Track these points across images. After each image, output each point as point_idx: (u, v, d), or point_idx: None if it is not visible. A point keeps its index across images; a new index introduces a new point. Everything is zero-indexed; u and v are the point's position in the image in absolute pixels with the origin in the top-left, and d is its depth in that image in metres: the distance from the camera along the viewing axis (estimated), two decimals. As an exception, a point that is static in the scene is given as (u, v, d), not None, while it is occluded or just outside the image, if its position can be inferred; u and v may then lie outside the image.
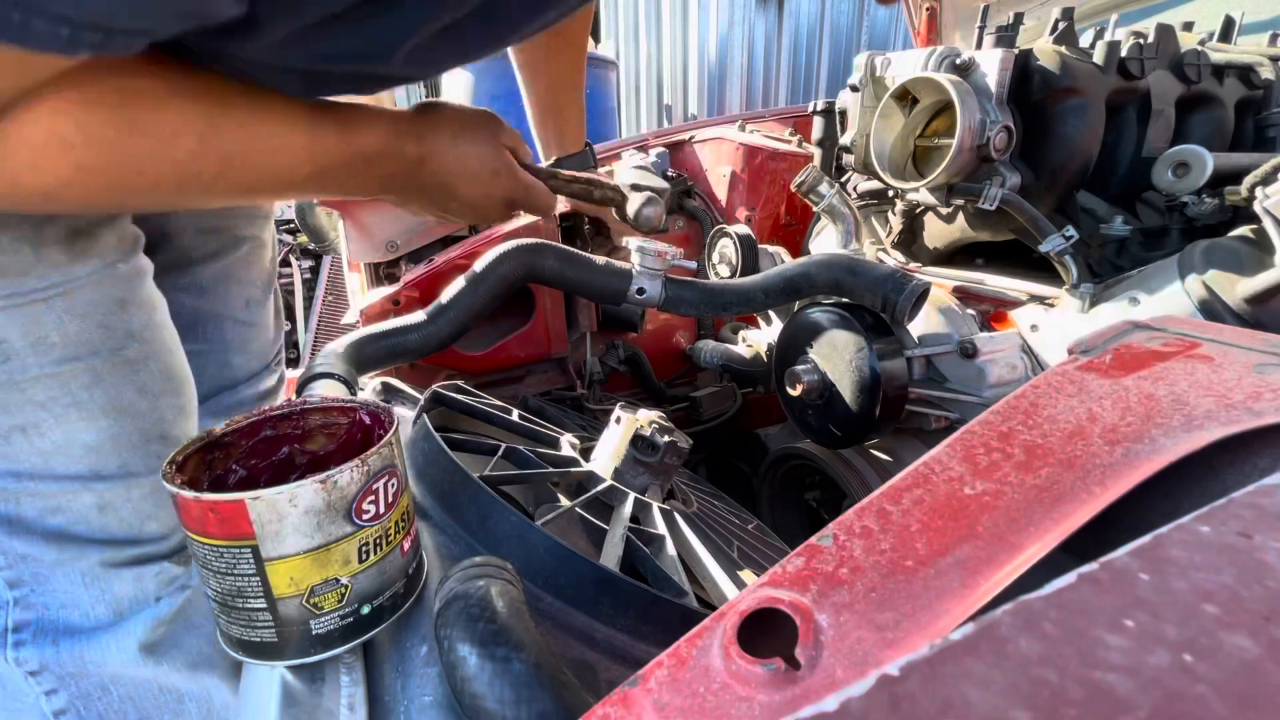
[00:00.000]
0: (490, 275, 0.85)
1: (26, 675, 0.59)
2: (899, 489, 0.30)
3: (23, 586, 0.58)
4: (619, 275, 0.87)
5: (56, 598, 0.59)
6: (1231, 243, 0.76)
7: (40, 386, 0.54)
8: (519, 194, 0.73)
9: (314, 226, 1.30)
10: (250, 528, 0.36)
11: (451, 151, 0.65)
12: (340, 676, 0.41)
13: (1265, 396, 0.30)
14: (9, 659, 0.58)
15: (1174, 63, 0.90)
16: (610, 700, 0.25)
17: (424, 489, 0.57)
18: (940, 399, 0.86)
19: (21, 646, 0.59)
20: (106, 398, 0.58)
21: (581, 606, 0.48)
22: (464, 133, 0.67)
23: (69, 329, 0.55)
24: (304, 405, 0.47)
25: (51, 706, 0.60)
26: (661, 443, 0.68)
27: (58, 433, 0.56)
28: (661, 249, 0.86)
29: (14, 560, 0.57)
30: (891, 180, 0.97)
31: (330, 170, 0.58)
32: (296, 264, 2.60)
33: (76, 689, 0.60)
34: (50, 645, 0.59)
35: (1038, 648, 0.14)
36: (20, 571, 0.58)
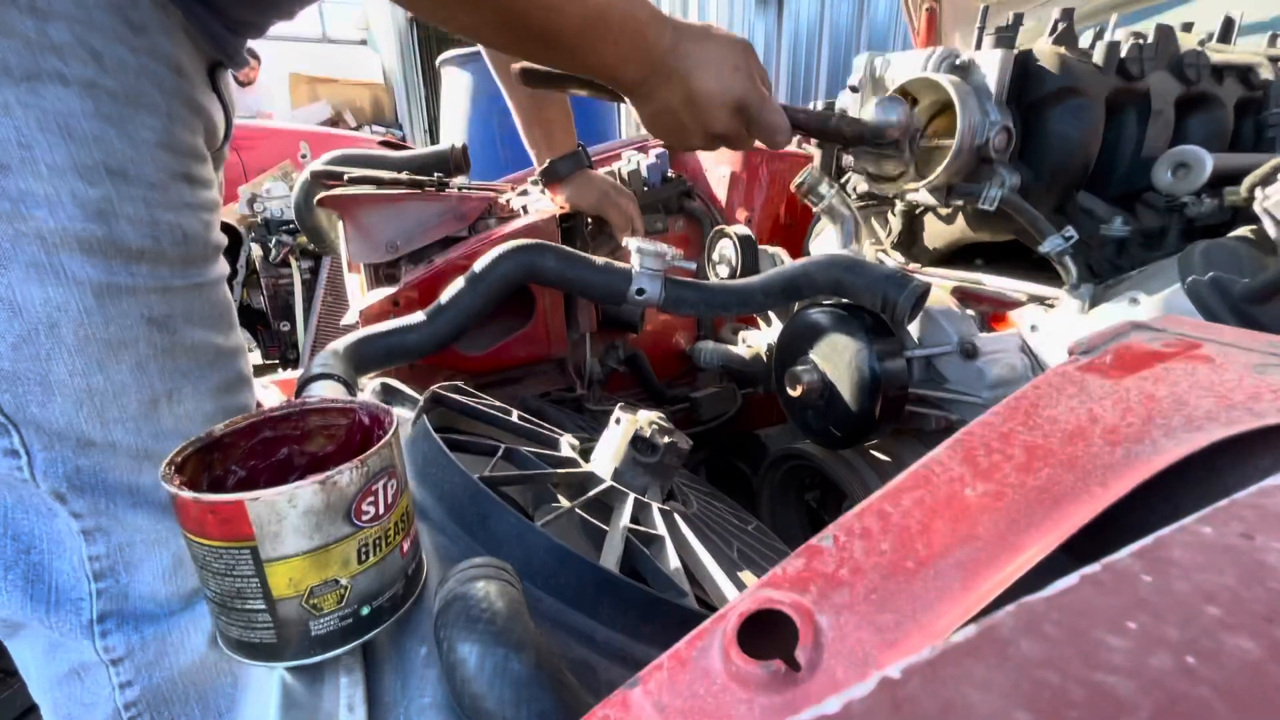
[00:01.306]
0: (490, 275, 0.85)
1: (109, 664, 0.62)
2: (899, 490, 0.30)
3: (108, 578, 0.61)
4: (619, 275, 0.87)
5: (137, 587, 0.63)
6: (1231, 243, 0.76)
7: (186, 356, 0.63)
8: (754, 99, 0.71)
9: (313, 227, 1.30)
10: (249, 529, 0.36)
11: (699, 44, 0.69)
12: (340, 678, 0.41)
13: (1266, 397, 0.30)
14: (97, 648, 0.62)
15: (1173, 63, 0.90)
16: (610, 702, 0.25)
17: (423, 490, 0.57)
18: (940, 400, 0.86)
19: (108, 635, 0.62)
20: (221, 375, 0.67)
21: (581, 607, 0.48)
22: (715, 35, 0.70)
23: (206, 313, 0.65)
24: (303, 406, 0.47)
25: (124, 699, 0.64)
26: (661, 443, 0.68)
27: (190, 402, 0.64)
28: (661, 249, 0.86)
29: (111, 550, 0.61)
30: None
31: (609, 22, 0.63)
32: (296, 265, 2.60)
33: (149, 681, 0.64)
34: (135, 632, 0.63)
35: (1039, 649, 0.14)
36: (113, 561, 0.61)
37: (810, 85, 5.19)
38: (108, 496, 0.60)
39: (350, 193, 1.08)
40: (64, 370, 0.56)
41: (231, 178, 2.02)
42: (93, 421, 0.58)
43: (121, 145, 0.56)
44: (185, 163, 0.63)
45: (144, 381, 0.60)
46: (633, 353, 1.33)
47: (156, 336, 0.61)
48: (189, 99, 0.63)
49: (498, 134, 3.44)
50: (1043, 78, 0.85)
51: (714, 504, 0.90)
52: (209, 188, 0.68)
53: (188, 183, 0.63)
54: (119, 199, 0.57)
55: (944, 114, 0.93)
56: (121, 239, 0.57)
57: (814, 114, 0.82)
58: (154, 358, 0.61)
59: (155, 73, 0.59)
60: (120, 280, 0.57)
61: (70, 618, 0.61)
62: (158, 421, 0.62)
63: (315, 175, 1.20)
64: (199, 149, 0.66)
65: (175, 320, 0.62)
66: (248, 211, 2.65)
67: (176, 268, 0.62)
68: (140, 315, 0.59)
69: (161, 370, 0.61)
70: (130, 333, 0.59)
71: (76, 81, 0.53)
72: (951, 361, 0.85)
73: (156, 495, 0.63)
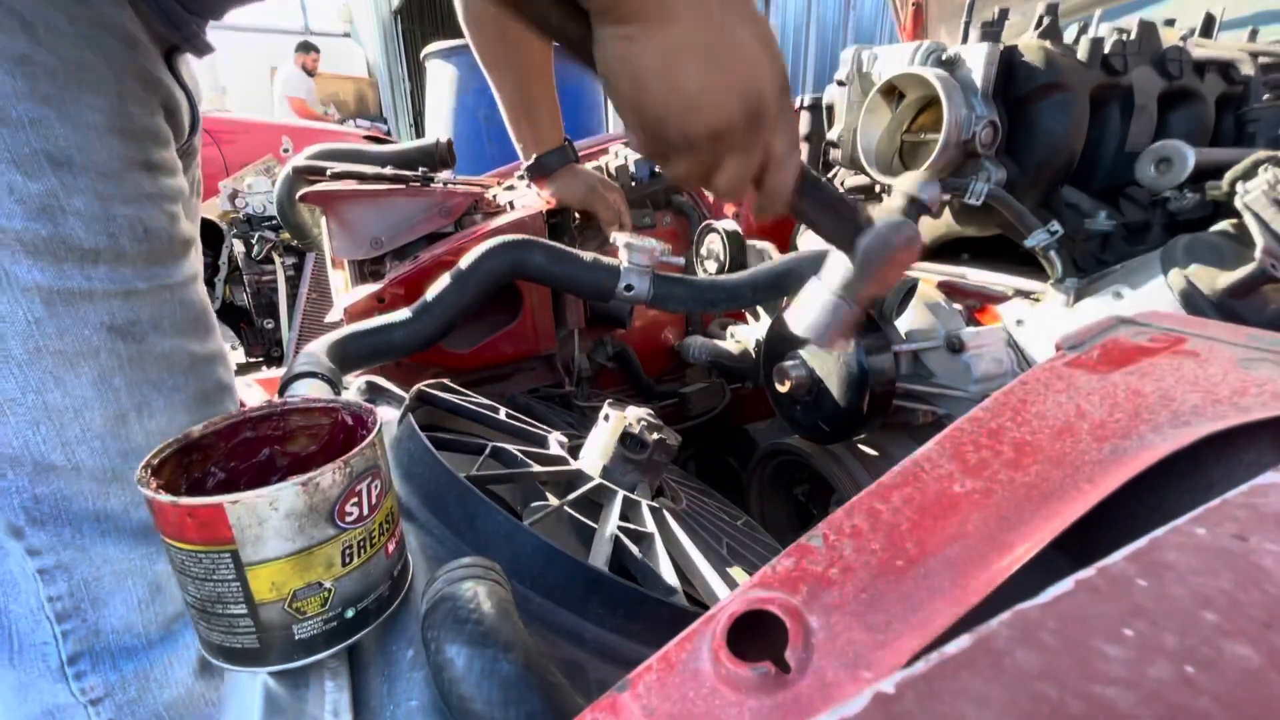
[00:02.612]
0: (476, 272, 0.85)
1: (88, 705, 0.58)
2: (888, 487, 0.30)
3: (73, 618, 0.56)
4: (607, 271, 0.86)
5: (109, 621, 0.58)
6: (1213, 237, 0.77)
7: (157, 366, 0.58)
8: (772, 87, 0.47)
9: (296, 223, 1.28)
10: (229, 532, 0.35)
11: None
12: (325, 682, 0.40)
13: (1251, 392, 0.30)
14: (73, 690, 0.57)
15: (1156, 58, 0.90)
16: (599, 705, 0.25)
17: (409, 490, 0.57)
18: (927, 394, 0.87)
19: (84, 676, 0.58)
20: (198, 385, 0.62)
21: (570, 606, 0.48)
22: None
23: (178, 316, 0.60)
24: (285, 406, 0.46)
25: None
26: (650, 440, 0.68)
27: (163, 416, 0.59)
28: (650, 245, 0.85)
29: (75, 587, 0.56)
30: (878, 175, 0.97)
31: None
32: (280, 261, 2.57)
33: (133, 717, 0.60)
34: (113, 670, 0.59)
35: (1036, 660, 0.14)
36: (78, 600, 0.56)
37: (797, 79, 5.19)
38: (72, 526, 0.55)
39: (333, 188, 1.07)
40: (14, 387, 0.51)
41: (212, 172, 1.98)
42: (52, 442, 0.53)
43: (64, 130, 0.50)
44: (143, 148, 0.57)
45: (108, 396, 0.55)
46: (621, 348, 1.32)
47: (121, 346, 0.55)
48: (144, 74, 0.57)
49: (483, 128, 3.42)
50: (1028, 72, 0.85)
51: (703, 500, 0.90)
52: (173, 174, 0.61)
53: (146, 170, 0.57)
54: (65, 192, 0.51)
55: (930, 108, 0.93)
56: (71, 237, 0.51)
57: None
58: (119, 369, 0.55)
59: (101, 43, 0.52)
60: (74, 285, 0.52)
61: (37, 663, 0.57)
62: (127, 439, 0.56)
63: (298, 170, 1.18)
64: (159, 131, 0.59)
65: (142, 327, 0.56)
66: (229, 207, 2.61)
67: (140, 267, 0.56)
68: (100, 323, 0.54)
69: (129, 382, 0.56)
70: (89, 343, 0.53)
71: (5, 57, 0.47)
72: (938, 356, 0.86)
73: (127, 520, 0.58)
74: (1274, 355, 0.34)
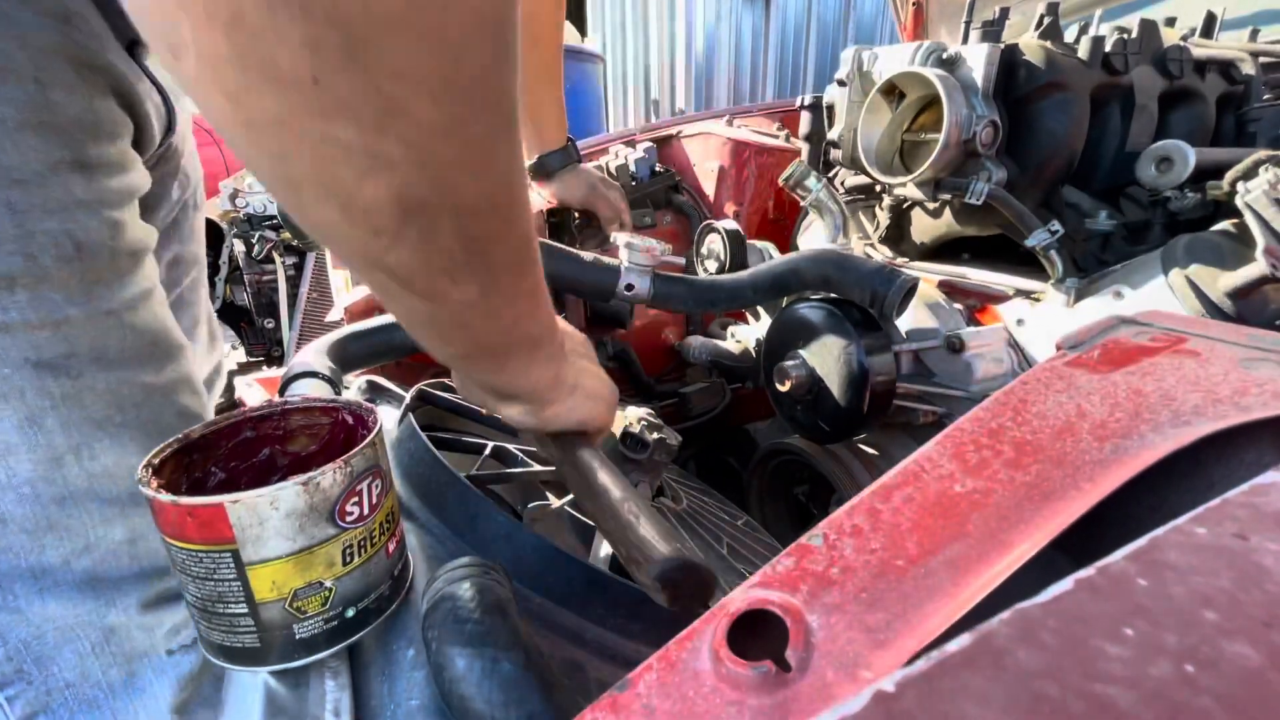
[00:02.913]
0: None
1: None
2: (889, 487, 0.30)
3: (16, 683, 0.51)
4: (607, 271, 0.86)
5: (61, 676, 0.52)
6: (1214, 237, 0.77)
7: (100, 403, 0.51)
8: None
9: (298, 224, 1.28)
10: (230, 531, 0.35)
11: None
12: (325, 681, 0.40)
13: (1252, 392, 0.30)
14: None
15: (1157, 58, 0.90)
16: (599, 705, 0.25)
17: (410, 489, 0.57)
18: (928, 394, 0.86)
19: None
20: (153, 418, 0.55)
21: (571, 606, 0.48)
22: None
23: (126, 344, 0.52)
24: (285, 405, 0.46)
25: None
26: (650, 439, 0.68)
27: (110, 455, 0.52)
28: (650, 245, 0.85)
29: (12, 652, 0.50)
30: (879, 175, 0.97)
31: None
32: (280, 261, 2.57)
33: None
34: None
35: (1037, 659, 0.14)
36: (17, 664, 0.50)
37: (798, 79, 5.19)
38: (2, 589, 0.49)
39: (334, 187, 1.07)
40: None
41: (212, 172, 1.98)
42: None
43: None
44: (72, 143, 0.48)
45: (37, 439, 0.48)
46: (621, 348, 1.32)
47: (51, 383, 0.48)
48: (82, 55, 0.48)
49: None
50: (1029, 72, 0.85)
51: (704, 499, 0.90)
52: (120, 172, 0.52)
53: (77, 171, 0.48)
54: None
55: (931, 108, 0.93)
56: None
57: None
58: (51, 409, 0.49)
59: (11, 18, 0.43)
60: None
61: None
62: (64, 483, 0.50)
63: (298, 170, 1.17)
64: (99, 121, 0.50)
65: (79, 361, 0.49)
66: (229, 207, 2.61)
67: (72, 290, 0.48)
68: (23, 359, 0.47)
69: (63, 423, 0.49)
70: (9, 382, 0.47)
71: None
72: (938, 355, 0.86)
73: (68, 573, 0.51)
74: (1275, 355, 0.34)
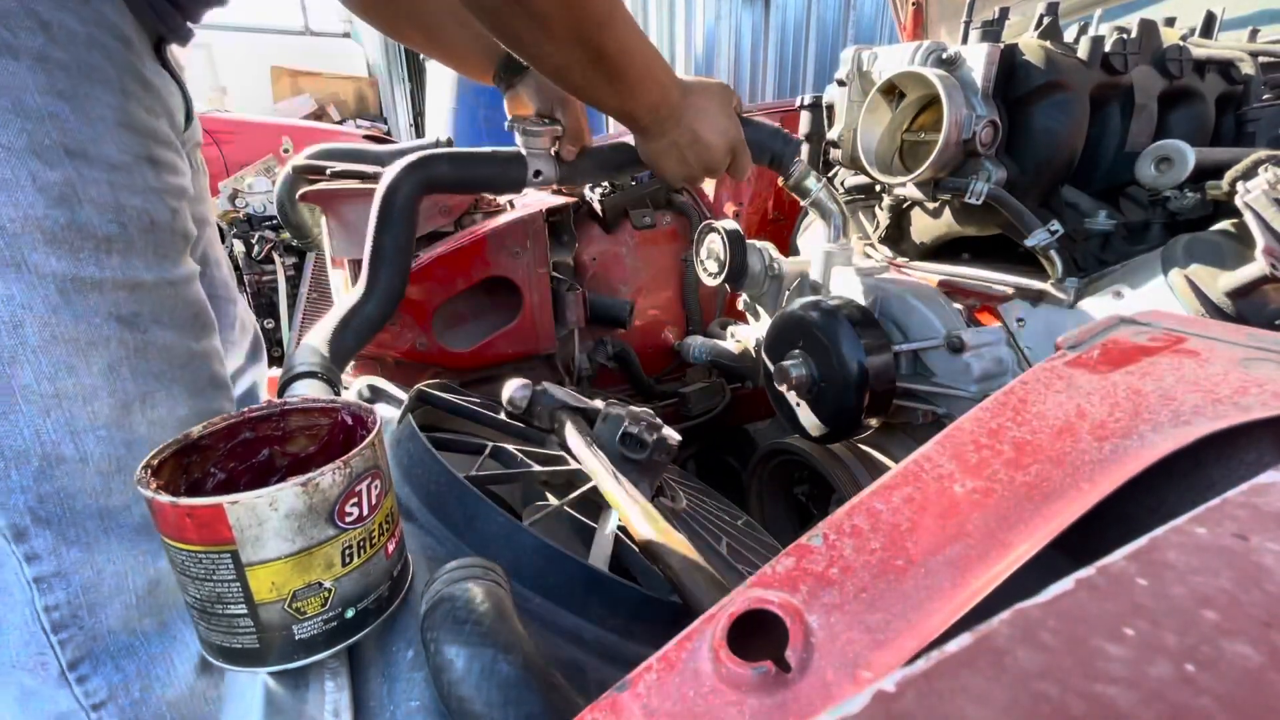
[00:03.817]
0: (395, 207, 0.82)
1: (90, 710, 0.58)
2: (889, 487, 0.30)
3: (70, 627, 0.56)
4: (514, 162, 0.87)
5: (107, 622, 0.58)
6: (1213, 237, 0.77)
7: (159, 359, 0.59)
8: (738, 145, 0.86)
9: (297, 223, 1.28)
10: (229, 532, 0.35)
11: (702, 97, 0.82)
12: (325, 682, 0.40)
13: (1252, 391, 0.30)
14: (76, 694, 0.57)
15: (1156, 58, 0.90)
16: (599, 705, 0.25)
17: (409, 490, 0.57)
18: (928, 393, 0.86)
19: (87, 680, 0.58)
20: (194, 379, 0.63)
21: (570, 607, 0.48)
22: (710, 87, 0.83)
23: (178, 312, 0.61)
24: (284, 406, 0.46)
25: None
26: (650, 439, 0.68)
27: (164, 406, 0.60)
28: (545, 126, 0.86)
29: (73, 595, 0.56)
30: (878, 175, 0.97)
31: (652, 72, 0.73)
32: (280, 261, 2.57)
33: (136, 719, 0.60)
34: (116, 671, 0.59)
35: (1037, 659, 0.14)
36: (74, 607, 0.56)
37: (797, 79, 5.18)
38: (76, 525, 0.55)
39: (333, 187, 1.07)
40: (29, 374, 0.52)
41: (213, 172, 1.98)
42: (62, 431, 0.54)
43: (78, 123, 0.52)
44: (146, 144, 0.59)
45: (116, 385, 0.56)
46: (621, 348, 1.32)
47: (128, 335, 0.57)
48: (139, 75, 0.59)
49: (483, 128, 3.42)
50: (1028, 72, 0.85)
51: (703, 499, 0.89)
52: (175, 174, 0.63)
53: (151, 165, 0.59)
54: (81, 182, 0.52)
55: (931, 108, 0.93)
56: (88, 225, 0.53)
57: None
58: (126, 359, 0.57)
59: (104, 44, 0.55)
60: (88, 273, 0.53)
61: (37, 672, 0.56)
62: (130, 428, 0.57)
63: (298, 170, 1.18)
64: (160, 131, 0.62)
65: (145, 320, 0.58)
66: (229, 207, 2.61)
67: (147, 259, 0.58)
68: (109, 313, 0.55)
69: (134, 372, 0.57)
70: (100, 331, 0.55)
71: (27, 53, 0.49)
72: (938, 355, 0.86)
73: (128, 517, 0.58)
74: (1274, 355, 0.34)
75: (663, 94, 0.77)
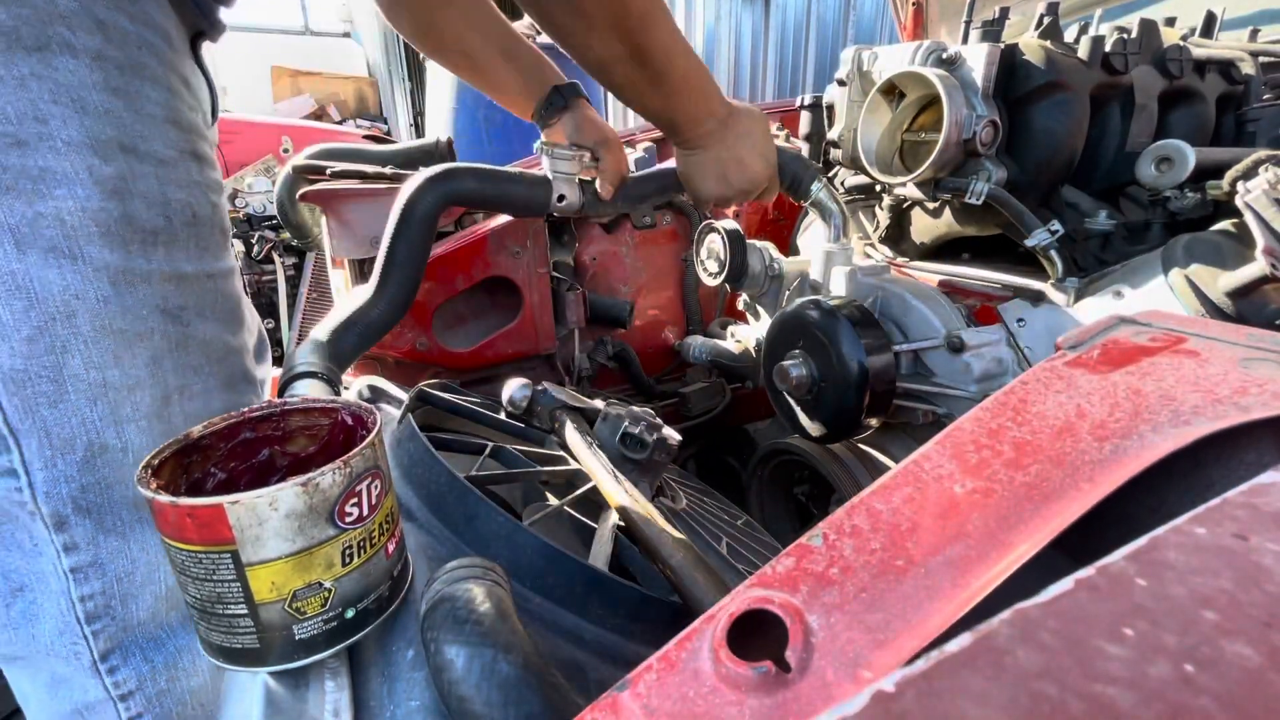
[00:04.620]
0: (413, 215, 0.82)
1: (118, 700, 0.59)
2: (889, 487, 0.30)
3: (103, 618, 0.57)
4: (539, 185, 0.87)
5: (137, 614, 0.59)
6: (1213, 237, 0.77)
7: (198, 352, 0.61)
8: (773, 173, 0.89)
9: (297, 223, 1.28)
10: (229, 532, 0.35)
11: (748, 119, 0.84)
12: (325, 682, 0.40)
13: (1252, 391, 0.30)
14: (106, 684, 0.59)
15: (1157, 58, 0.90)
16: (599, 705, 0.25)
17: (410, 490, 0.57)
18: (928, 393, 0.86)
19: (116, 671, 0.59)
20: (229, 373, 0.65)
21: (570, 606, 0.48)
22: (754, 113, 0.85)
23: (218, 306, 0.63)
24: (284, 406, 0.46)
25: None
26: (650, 439, 0.68)
27: (199, 400, 0.61)
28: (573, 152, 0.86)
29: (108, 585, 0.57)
30: (878, 175, 0.97)
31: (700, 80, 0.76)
32: (280, 261, 2.57)
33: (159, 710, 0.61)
34: (144, 663, 0.60)
35: (1036, 659, 0.14)
36: (109, 598, 0.57)
37: (797, 79, 5.18)
38: (114, 514, 0.56)
39: (333, 187, 1.07)
40: (79, 363, 0.53)
41: (212, 172, 1.98)
42: (106, 420, 0.55)
43: (131, 119, 0.54)
44: (190, 139, 0.61)
45: (159, 376, 0.58)
46: (621, 348, 1.32)
47: (171, 328, 0.58)
48: (181, 72, 0.61)
49: (484, 128, 3.42)
50: (1028, 72, 0.85)
51: (703, 499, 0.90)
52: (214, 168, 0.65)
53: (195, 160, 0.61)
54: (132, 176, 0.54)
55: (931, 108, 0.93)
56: (136, 218, 0.54)
57: None
58: (169, 351, 0.58)
59: (152, 43, 0.56)
60: (137, 265, 0.55)
61: (70, 661, 0.57)
62: (169, 419, 0.59)
63: (298, 170, 1.18)
64: (199, 126, 0.63)
65: (188, 313, 0.59)
66: (229, 207, 2.61)
67: (191, 252, 0.60)
68: (155, 305, 0.57)
69: (175, 365, 0.59)
70: (146, 323, 0.56)
71: (85, 52, 0.51)
72: (938, 355, 0.86)
73: None
74: (1275, 355, 0.34)
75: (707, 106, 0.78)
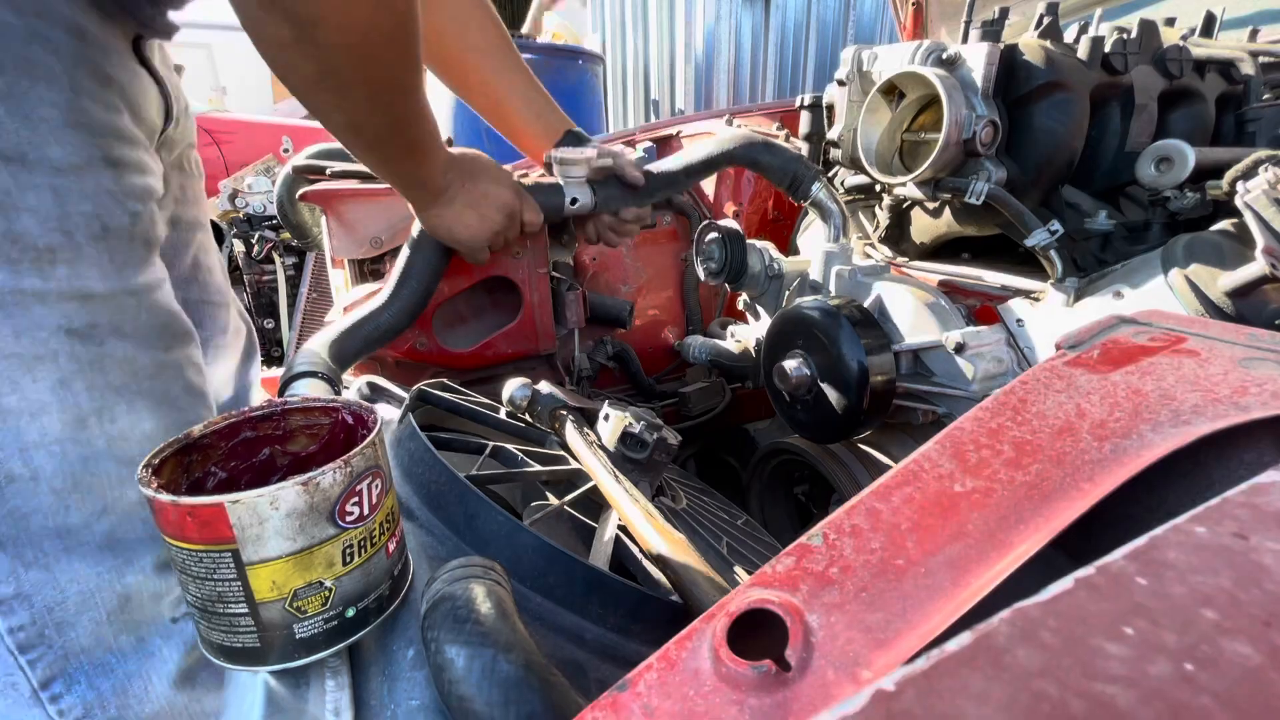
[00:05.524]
0: None
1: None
2: (889, 487, 0.30)
3: (38, 647, 0.55)
4: (550, 191, 0.90)
5: (78, 641, 0.56)
6: (1213, 237, 0.77)
7: (118, 371, 0.57)
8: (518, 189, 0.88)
9: (297, 223, 1.28)
10: (230, 531, 0.35)
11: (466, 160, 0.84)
12: (325, 681, 0.40)
13: (1251, 391, 0.30)
14: (51, 715, 0.56)
15: (1156, 58, 0.90)
16: (599, 704, 0.25)
17: (410, 489, 0.57)
18: (928, 393, 0.86)
19: (60, 699, 0.56)
20: (163, 390, 0.60)
21: (571, 606, 0.48)
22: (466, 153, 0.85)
23: (141, 321, 0.58)
24: (285, 406, 0.46)
25: None
26: (650, 439, 0.68)
27: (126, 419, 0.57)
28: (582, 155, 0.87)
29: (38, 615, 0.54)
30: (878, 175, 0.97)
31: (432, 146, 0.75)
32: (280, 261, 2.57)
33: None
34: (90, 689, 0.57)
35: (1036, 658, 0.14)
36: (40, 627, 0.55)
37: (797, 79, 5.18)
38: (33, 546, 0.53)
39: (334, 187, 1.07)
40: None
41: (212, 173, 1.98)
42: (9, 449, 0.51)
43: (15, 125, 0.49)
44: (103, 143, 0.55)
45: (67, 399, 0.53)
46: (621, 348, 1.32)
47: (80, 349, 0.53)
48: (97, 70, 0.55)
49: (483, 128, 3.41)
50: (1028, 72, 0.85)
51: (703, 499, 0.90)
52: (142, 173, 0.59)
53: (109, 167, 0.55)
54: (19, 189, 0.49)
55: (931, 108, 0.93)
56: (25, 235, 0.50)
57: None
58: (78, 373, 0.54)
59: (48, 37, 0.50)
60: (29, 285, 0.50)
61: (8, 693, 0.55)
62: (87, 444, 0.55)
63: (298, 170, 1.18)
64: (122, 129, 0.57)
65: (100, 331, 0.55)
66: (229, 207, 2.61)
67: (101, 267, 0.54)
68: (57, 326, 0.52)
69: (89, 386, 0.54)
70: (46, 345, 0.52)
71: None
72: (938, 355, 0.86)
73: (90, 534, 0.55)
74: (1274, 355, 0.34)
75: (444, 152, 0.78)
